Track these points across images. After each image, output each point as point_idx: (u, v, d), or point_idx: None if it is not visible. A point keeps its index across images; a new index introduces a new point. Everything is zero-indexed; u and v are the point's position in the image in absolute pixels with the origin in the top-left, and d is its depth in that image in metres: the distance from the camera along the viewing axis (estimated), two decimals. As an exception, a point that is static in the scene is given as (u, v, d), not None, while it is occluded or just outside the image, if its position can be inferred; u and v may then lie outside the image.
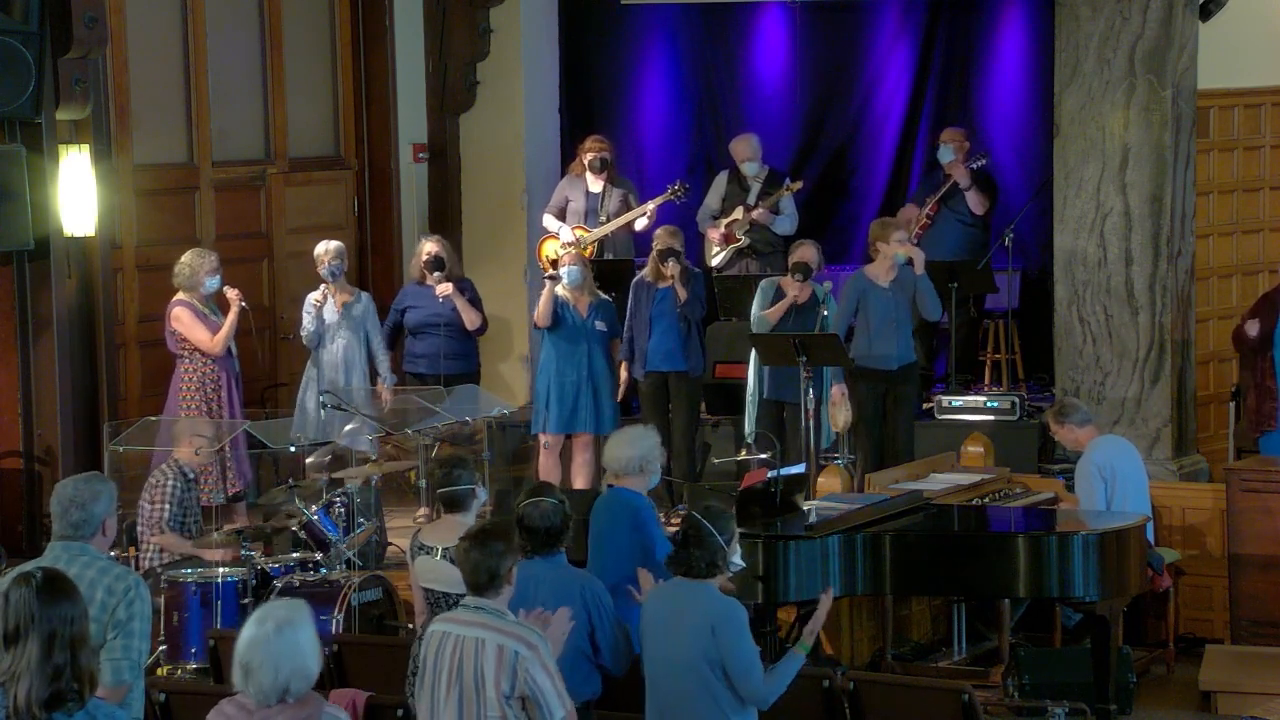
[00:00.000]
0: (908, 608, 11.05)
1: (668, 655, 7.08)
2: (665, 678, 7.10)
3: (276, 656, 5.30)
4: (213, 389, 11.88)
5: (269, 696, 5.33)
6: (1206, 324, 13.83)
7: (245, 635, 5.37)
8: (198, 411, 11.76)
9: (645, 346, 12.45)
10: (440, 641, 6.44)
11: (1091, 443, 10.89)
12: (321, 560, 10.42)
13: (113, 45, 12.40)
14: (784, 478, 9.93)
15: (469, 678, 6.33)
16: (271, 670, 5.29)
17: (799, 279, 12.20)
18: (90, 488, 6.40)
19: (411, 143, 14.91)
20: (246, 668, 5.33)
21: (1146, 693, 10.48)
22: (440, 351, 12.58)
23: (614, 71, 15.83)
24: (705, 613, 7.02)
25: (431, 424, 11.67)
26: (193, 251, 12.09)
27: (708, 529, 7.12)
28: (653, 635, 7.17)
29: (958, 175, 13.96)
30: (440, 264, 12.66)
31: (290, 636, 5.32)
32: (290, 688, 5.32)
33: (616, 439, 8.57)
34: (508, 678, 6.28)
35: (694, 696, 6.99)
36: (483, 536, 6.53)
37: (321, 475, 11.22)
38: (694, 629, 7.00)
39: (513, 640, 6.32)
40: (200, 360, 11.86)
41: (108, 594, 6.18)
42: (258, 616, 5.39)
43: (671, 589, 7.21)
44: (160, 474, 10.81)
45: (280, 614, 5.37)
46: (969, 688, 7.80)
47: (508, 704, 6.30)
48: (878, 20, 15.63)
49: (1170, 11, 12.60)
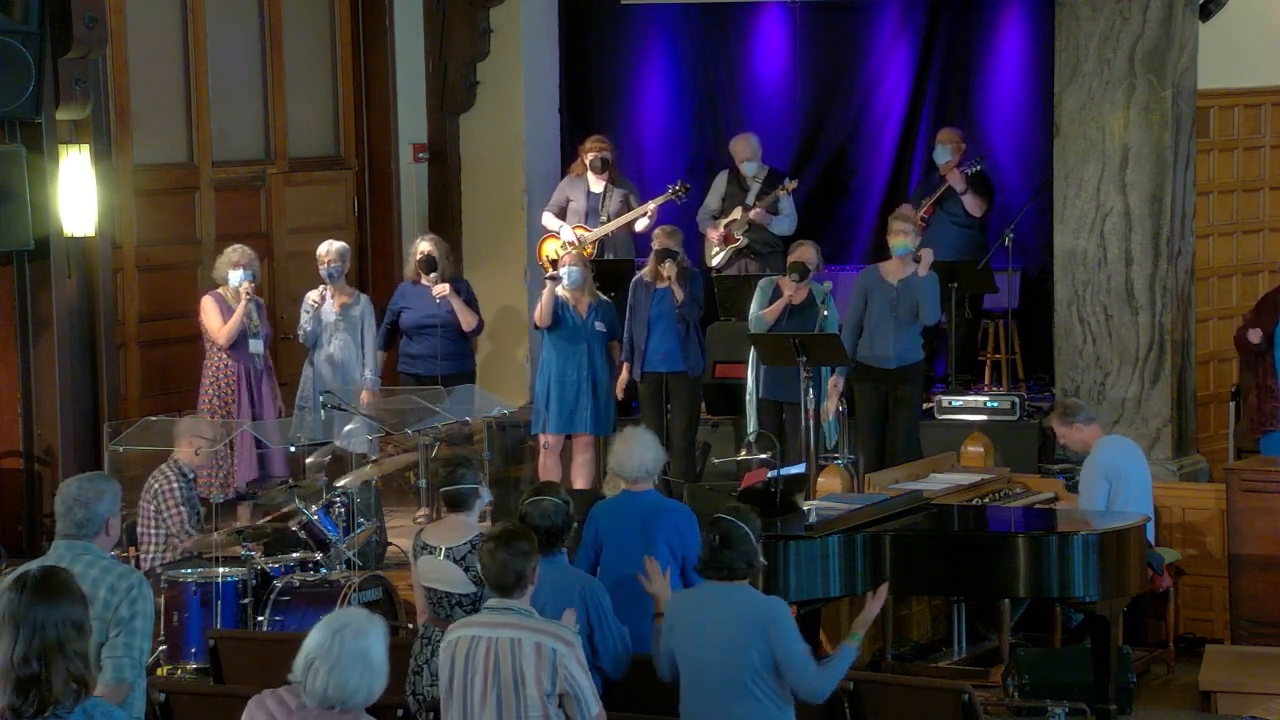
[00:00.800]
0: (908, 608, 11.05)
1: (710, 659, 6.93)
2: (708, 681, 6.95)
3: (347, 667, 5.20)
4: (227, 384, 11.91)
5: (326, 702, 5.22)
6: (1206, 324, 13.84)
7: (318, 637, 5.24)
8: (210, 407, 11.81)
9: (644, 347, 12.46)
10: (470, 646, 6.41)
11: (1098, 442, 10.87)
12: (321, 560, 10.41)
13: (113, 45, 12.40)
14: (784, 478, 9.94)
15: (507, 678, 6.32)
16: (340, 680, 5.20)
17: (795, 279, 12.20)
18: (94, 487, 6.40)
19: (411, 143, 14.91)
20: (312, 666, 5.21)
21: (1146, 693, 10.47)
22: (436, 352, 12.58)
23: (614, 71, 15.83)
24: (754, 614, 6.92)
25: (431, 424, 11.67)
26: (228, 248, 12.19)
27: (742, 529, 7.04)
28: (691, 640, 7.01)
29: (953, 180, 13.95)
30: (433, 264, 12.66)
31: (364, 648, 5.21)
32: (351, 701, 5.22)
33: (629, 444, 8.45)
34: (549, 675, 6.29)
35: (738, 698, 6.89)
36: (508, 537, 6.53)
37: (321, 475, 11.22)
38: (742, 630, 6.89)
39: (549, 638, 6.33)
40: (217, 355, 11.92)
41: (110, 592, 6.18)
42: (336, 621, 5.27)
43: (705, 593, 7.08)
44: (162, 477, 10.76)
45: (360, 624, 5.26)
46: (969, 688, 7.79)
47: (549, 700, 6.30)
48: (878, 20, 15.63)
49: (1170, 11, 12.60)
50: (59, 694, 4.83)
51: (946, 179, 13.98)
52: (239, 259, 12.08)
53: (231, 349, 11.99)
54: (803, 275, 12.21)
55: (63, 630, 4.88)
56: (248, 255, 12.15)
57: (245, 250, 12.20)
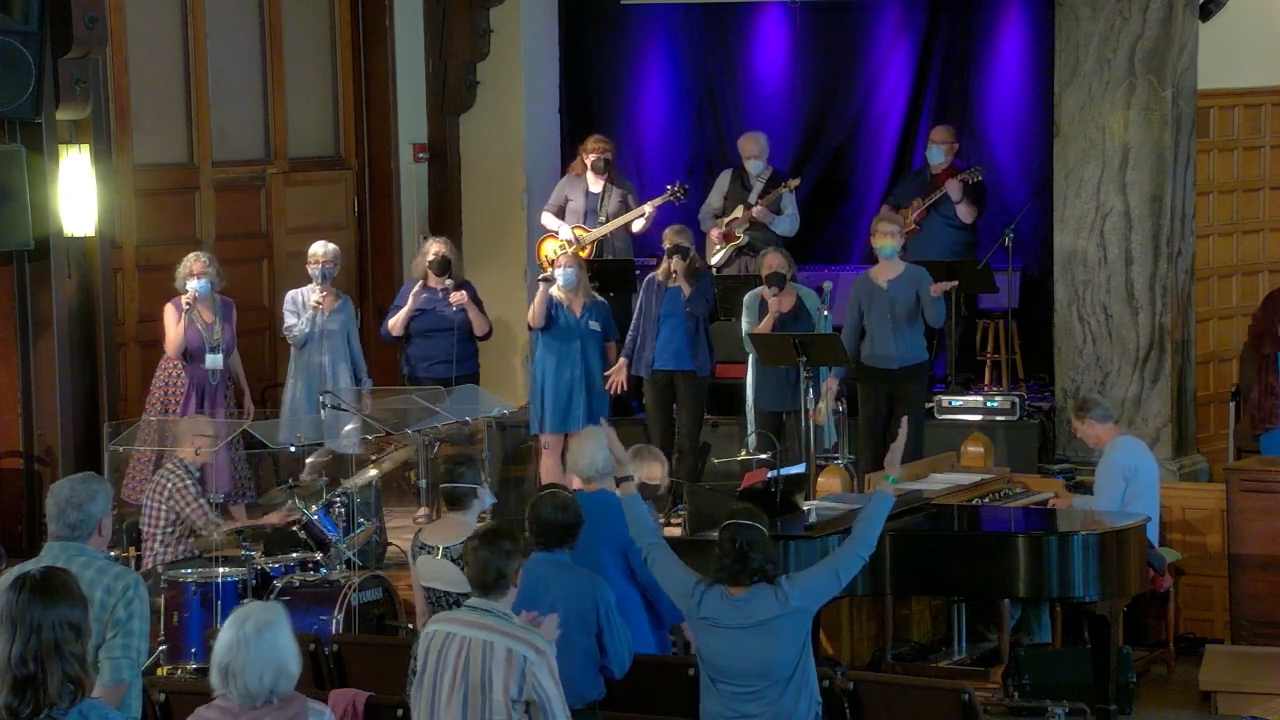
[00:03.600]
0: (908, 608, 11.05)
1: (744, 669, 6.95)
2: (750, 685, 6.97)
3: (260, 659, 5.30)
4: (172, 390, 11.88)
5: (255, 698, 5.33)
6: (1206, 324, 13.84)
7: (224, 638, 5.36)
8: (155, 412, 11.74)
9: (652, 345, 12.46)
10: (444, 642, 6.41)
11: (1115, 441, 10.88)
12: (321, 560, 10.41)
13: (113, 45, 12.40)
14: (784, 478, 9.93)
15: (475, 680, 6.31)
16: (256, 673, 5.30)
17: (775, 291, 12.17)
18: (87, 488, 6.39)
19: (411, 143, 14.90)
20: (227, 670, 5.32)
21: (1146, 693, 10.48)
22: (441, 355, 12.57)
23: (614, 71, 15.83)
24: (785, 609, 6.92)
25: (431, 424, 11.66)
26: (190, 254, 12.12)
27: (761, 532, 7.02)
28: (723, 648, 6.99)
29: (951, 190, 13.80)
30: (446, 265, 12.65)
31: (270, 638, 5.32)
32: (277, 689, 5.33)
33: (583, 444, 8.38)
34: (516, 682, 6.27)
35: (778, 697, 6.92)
36: (492, 536, 6.52)
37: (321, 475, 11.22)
38: (786, 627, 6.92)
39: (522, 645, 6.31)
40: (169, 361, 11.89)
41: (106, 593, 6.17)
42: (235, 619, 5.39)
43: (728, 599, 7.01)
44: (174, 476, 10.70)
45: (259, 616, 5.37)
46: (969, 688, 7.79)
47: (514, 707, 6.28)
48: (878, 20, 15.62)
49: (1170, 11, 12.61)
50: (54, 695, 4.84)
51: (945, 187, 13.85)
52: (199, 268, 11.90)
53: (185, 360, 11.89)
54: (781, 284, 12.17)
55: (59, 631, 4.89)
56: (204, 262, 11.94)
57: (203, 257, 12.01)
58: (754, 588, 6.95)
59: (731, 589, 6.99)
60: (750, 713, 6.95)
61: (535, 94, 15.23)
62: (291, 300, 12.49)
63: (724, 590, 7.00)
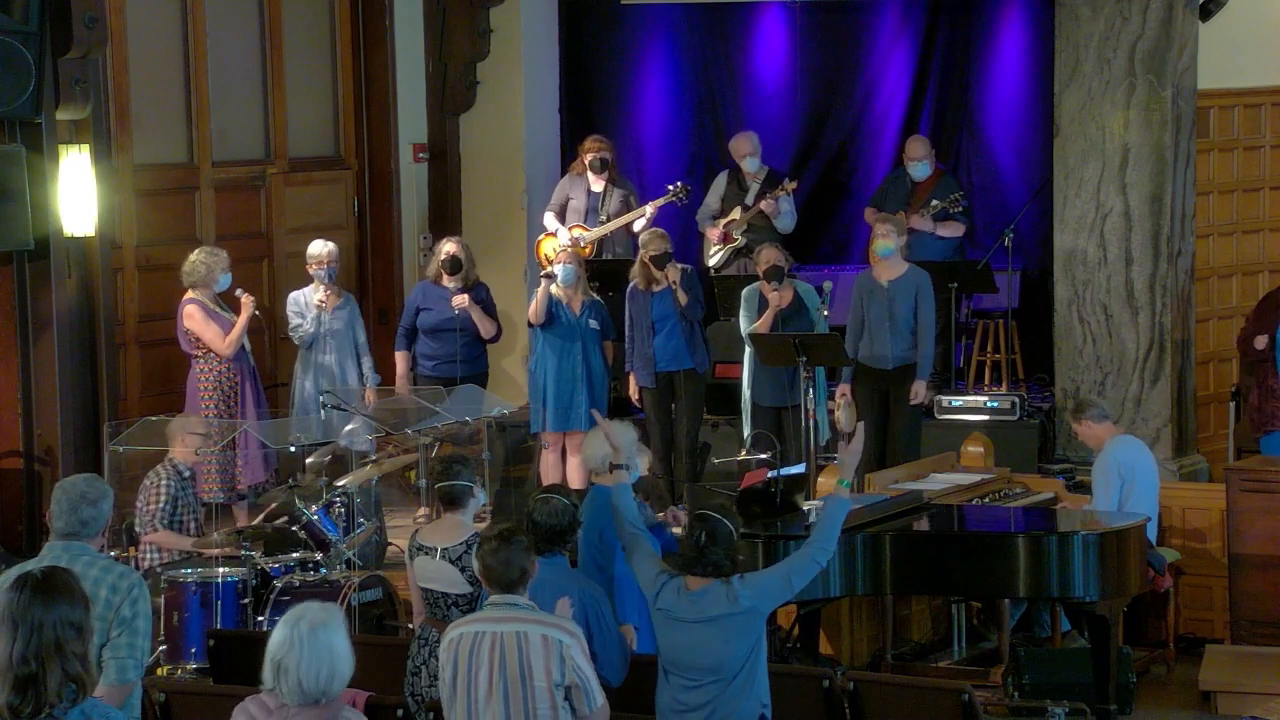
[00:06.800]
0: (908, 608, 11.05)
1: (692, 662, 6.96)
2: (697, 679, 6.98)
3: (314, 658, 5.29)
4: (230, 387, 11.88)
5: (307, 696, 5.30)
6: (1206, 324, 13.85)
7: (277, 636, 5.34)
8: (216, 411, 11.75)
9: (650, 352, 12.42)
10: (474, 642, 6.42)
11: (1113, 440, 10.89)
12: (321, 560, 10.41)
13: (113, 45, 12.39)
14: (784, 478, 9.93)
15: (514, 672, 6.35)
16: (312, 672, 5.28)
17: (775, 285, 12.17)
18: (98, 487, 6.44)
19: (411, 143, 14.91)
20: (279, 666, 5.31)
21: (1146, 693, 10.48)
22: (451, 355, 12.56)
23: (614, 71, 15.83)
24: (735, 608, 6.93)
25: (431, 424, 11.66)
26: (203, 250, 12.07)
27: (726, 527, 7.05)
28: (676, 641, 7.02)
29: (920, 226, 13.63)
30: (458, 266, 12.64)
31: (325, 639, 5.31)
32: (330, 690, 5.31)
33: (590, 438, 8.57)
34: (557, 666, 6.33)
35: (720, 693, 6.93)
36: (509, 535, 6.59)
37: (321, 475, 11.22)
38: (734, 626, 6.92)
39: (555, 630, 6.38)
40: (215, 359, 11.84)
41: (112, 592, 6.18)
42: (290, 618, 5.36)
43: (683, 594, 7.02)
44: (154, 474, 10.80)
45: (313, 616, 5.35)
46: (969, 688, 7.80)
47: (557, 691, 6.33)
48: (878, 20, 15.63)
49: (1170, 11, 12.61)
50: (56, 694, 4.84)
51: (911, 223, 13.61)
52: (228, 262, 11.95)
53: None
54: (780, 278, 12.17)
55: (61, 631, 4.89)
56: (227, 256, 12.03)
57: (225, 251, 12.09)
58: (709, 584, 6.98)
59: (688, 583, 7.02)
60: (692, 704, 6.98)
61: (535, 94, 15.24)
62: (294, 301, 12.50)
63: (681, 584, 7.04)
